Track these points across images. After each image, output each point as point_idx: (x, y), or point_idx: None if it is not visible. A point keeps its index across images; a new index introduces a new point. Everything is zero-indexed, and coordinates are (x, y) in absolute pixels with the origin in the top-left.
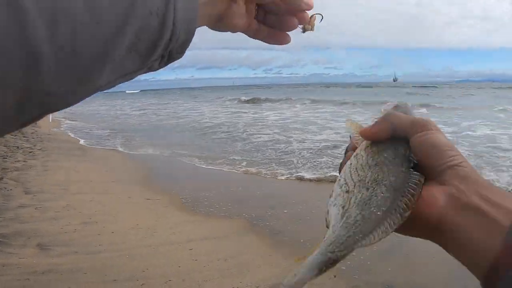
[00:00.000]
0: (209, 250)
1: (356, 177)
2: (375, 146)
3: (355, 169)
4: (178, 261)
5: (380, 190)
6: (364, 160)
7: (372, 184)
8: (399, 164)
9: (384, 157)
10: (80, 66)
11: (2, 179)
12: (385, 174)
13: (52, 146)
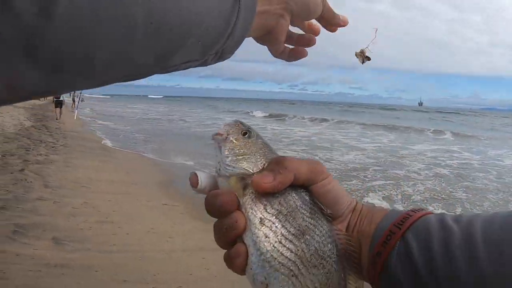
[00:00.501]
0: (221, 260)
1: (290, 255)
2: (273, 202)
3: (279, 244)
4: (190, 268)
5: (329, 265)
6: (281, 228)
7: (314, 258)
8: (319, 217)
9: (302, 216)
10: (165, 40)
11: (23, 170)
12: (317, 239)
13: (75, 143)
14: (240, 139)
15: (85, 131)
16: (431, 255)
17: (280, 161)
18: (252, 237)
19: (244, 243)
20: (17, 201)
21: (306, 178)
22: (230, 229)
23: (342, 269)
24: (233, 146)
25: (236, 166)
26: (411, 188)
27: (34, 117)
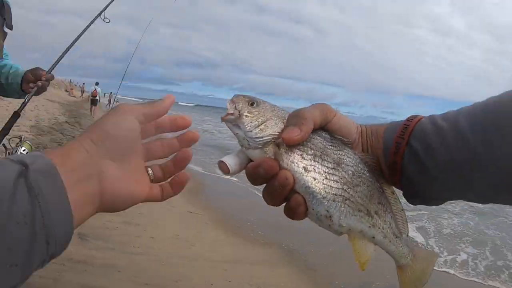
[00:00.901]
0: (243, 274)
1: (338, 184)
2: (306, 150)
3: (326, 180)
4: (211, 279)
5: (366, 180)
6: (322, 167)
7: (355, 179)
8: (343, 148)
9: (332, 151)
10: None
11: None
12: (350, 164)
13: None
14: (252, 111)
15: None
16: (432, 150)
17: (298, 114)
18: (303, 184)
19: (298, 192)
20: None
21: (322, 120)
22: (284, 187)
23: (375, 180)
24: (250, 119)
25: (264, 135)
26: (446, 220)
27: (69, 113)
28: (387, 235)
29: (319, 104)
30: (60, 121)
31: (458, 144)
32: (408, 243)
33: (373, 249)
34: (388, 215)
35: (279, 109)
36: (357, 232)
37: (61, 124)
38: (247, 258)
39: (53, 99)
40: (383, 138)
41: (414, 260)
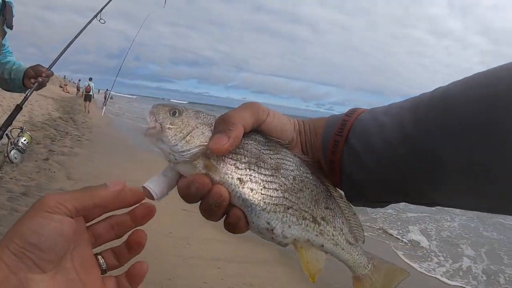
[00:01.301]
0: (237, 273)
1: (278, 193)
2: (239, 158)
3: (265, 190)
4: (204, 277)
5: (310, 183)
6: (259, 176)
7: (296, 184)
8: (280, 150)
9: (268, 156)
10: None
11: (47, 160)
12: (289, 168)
13: (100, 139)
14: (175, 122)
15: (111, 128)
16: (372, 148)
17: (225, 119)
18: (240, 197)
19: (235, 206)
20: (39, 189)
21: (253, 123)
22: (219, 204)
23: (320, 182)
24: (174, 131)
25: (191, 147)
26: (447, 223)
27: (62, 109)
28: (339, 243)
29: (249, 103)
30: (53, 117)
31: (400, 141)
32: (365, 252)
33: (324, 258)
34: (338, 220)
35: (205, 115)
36: (303, 241)
37: (54, 120)
38: (240, 257)
39: (47, 94)
40: (322, 136)
41: (374, 272)
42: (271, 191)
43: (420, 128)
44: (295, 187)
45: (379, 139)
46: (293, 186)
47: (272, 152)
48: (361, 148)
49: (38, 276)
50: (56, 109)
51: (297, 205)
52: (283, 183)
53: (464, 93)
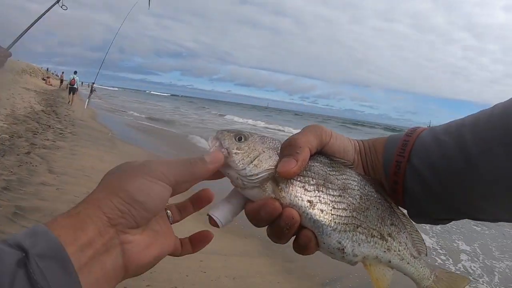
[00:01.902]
0: (219, 265)
1: (347, 212)
2: (307, 180)
3: (334, 210)
4: (186, 270)
5: (375, 201)
6: (328, 197)
7: (363, 203)
8: (345, 170)
9: (335, 177)
10: None
11: (29, 153)
12: (356, 188)
13: (83, 132)
14: (242, 147)
15: (94, 121)
16: (435, 168)
17: (291, 143)
18: (311, 219)
19: (306, 227)
20: (20, 183)
21: (318, 145)
22: (291, 226)
23: (384, 199)
24: (241, 156)
25: (260, 171)
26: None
27: (45, 102)
28: (404, 257)
29: (312, 126)
30: (36, 110)
31: (462, 162)
32: (428, 263)
33: (391, 273)
34: (402, 235)
35: (270, 140)
36: (372, 259)
37: (37, 113)
38: (223, 250)
39: (29, 87)
40: (383, 156)
41: (437, 282)
42: (340, 211)
43: (481, 146)
44: (362, 206)
45: (441, 158)
46: (360, 205)
47: (338, 172)
48: (423, 168)
49: (133, 230)
50: (38, 102)
51: (365, 223)
52: (351, 202)
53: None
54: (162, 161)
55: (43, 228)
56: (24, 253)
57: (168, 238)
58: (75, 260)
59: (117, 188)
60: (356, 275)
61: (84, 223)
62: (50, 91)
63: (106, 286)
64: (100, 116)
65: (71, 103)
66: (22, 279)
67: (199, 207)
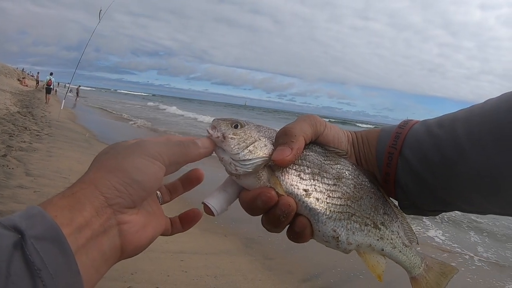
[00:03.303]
0: (200, 264)
1: (341, 201)
2: (302, 169)
3: (330, 198)
4: (167, 270)
5: (369, 190)
6: (323, 185)
7: (357, 192)
8: (339, 160)
9: (329, 166)
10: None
11: (5, 156)
12: (349, 177)
13: (60, 133)
14: (237, 132)
15: (70, 122)
16: (427, 160)
17: (286, 131)
18: (306, 207)
19: (301, 214)
20: None
21: (312, 135)
22: (288, 214)
23: (377, 189)
24: (236, 141)
25: (254, 157)
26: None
27: (21, 103)
28: (397, 246)
29: (307, 116)
30: (11, 111)
31: (454, 154)
32: (418, 252)
33: (385, 260)
34: (395, 224)
35: (266, 129)
36: (366, 247)
37: (12, 115)
38: (204, 249)
39: (4, 88)
40: (376, 148)
41: (427, 271)
42: (335, 199)
43: (473, 140)
44: (356, 195)
45: (433, 151)
46: (354, 194)
47: (332, 162)
48: (415, 159)
49: (129, 210)
50: (14, 103)
51: (359, 212)
52: (345, 191)
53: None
54: (155, 141)
55: (39, 209)
56: (20, 235)
57: (160, 218)
58: (72, 241)
59: (114, 167)
60: (337, 270)
61: (80, 203)
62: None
63: (103, 267)
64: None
65: (47, 102)
66: (18, 261)
67: (189, 187)
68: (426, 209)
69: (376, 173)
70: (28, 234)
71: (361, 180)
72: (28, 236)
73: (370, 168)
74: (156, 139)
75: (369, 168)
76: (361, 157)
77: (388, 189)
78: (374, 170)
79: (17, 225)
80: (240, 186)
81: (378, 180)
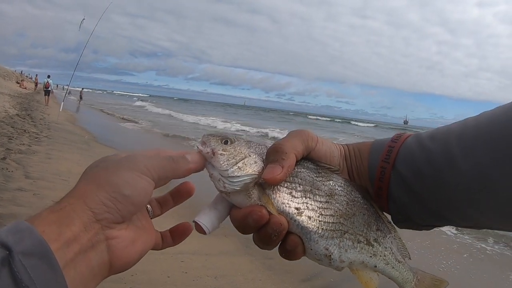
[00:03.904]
0: (200, 265)
1: (334, 218)
2: (294, 186)
3: (322, 217)
4: (168, 271)
5: (361, 207)
6: (315, 203)
7: (350, 209)
8: (331, 176)
9: (321, 182)
10: None
11: (5, 159)
12: (342, 193)
13: (59, 136)
14: (227, 148)
15: (69, 124)
16: (419, 174)
17: (276, 148)
18: (298, 225)
19: (293, 232)
20: None
21: (304, 151)
22: (279, 233)
23: (370, 205)
24: (226, 157)
25: (242, 174)
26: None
27: (20, 105)
28: (390, 262)
29: (298, 131)
30: (10, 114)
31: (447, 168)
32: (411, 267)
33: (377, 276)
34: (387, 240)
35: (256, 145)
36: (358, 264)
37: (11, 118)
38: (204, 250)
39: (3, 91)
40: (368, 161)
41: (418, 285)
42: (327, 217)
43: (467, 153)
44: (349, 212)
45: (426, 164)
46: (347, 211)
47: (325, 178)
48: (408, 174)
49: (118, 225)
50: (13, 106)
51: (352, 229)
52: (338, 208)
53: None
54: (145, 155)
55: (26, 224)
56: (7, 251)
57: (150, 233)
58: (60, 256)
59: (103, 182)
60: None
61: (69, 218)
62: (25, 95)
63: (91, 283)
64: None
65: (47, 104)
66: (6, 277)
67: (180, 201)
68: (420, 223)
69: (368, 187)
70: (15, 249)
71: (354, 196)
72: (16, 252)
73: (363, 182)
74: (146, 153)
75: (362, 181)
76: (353, 171)
77: (381, 204)
78: (366, 184)
79: (4, 241)
80: (231, 203)
81: (370, 194)
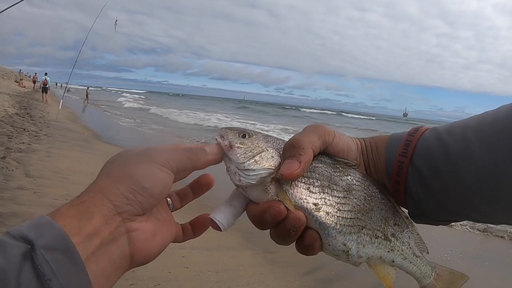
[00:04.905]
0: (201, 260)
1: (351, 214)
2: (311, 182)
3: (340, 212)
4: (169, 266)
5: (379, 201)
6: (333, 199)
7: (367, 204)
8: (348, 171)
9: (339, 177)
10: None
11: (4, 158)
12: (359, 188)
13: (58, 134)
14: (244, 142)
15: (69, 122)
16: (437, 168)
17: (294, 144)
18: (316, 221)
19: (311, 227)
20: None
21: (321, 145)
22: (298, 228)
23: (387, 199)
24: (243, 150)
25: (259, 167)
26: None
27: (19, 104)
28: (407, 257)
29: (315, 126)
30: (10, 113)
31: (465, 163)
32: (428, 262)
33: (395, 271)
34: (405, 235)
35: (274, 140)
36: (376, 259)
37: (11, 117)
38: (205, 245)
39: (2, 90)
40: (385, 156)
41: (437, 280)
42: (345, 213)
43: (485, 151)
44: (366, 207)
45: (444, 160)
46: (364, 206)
47: (342, 173)
48: (425, 168)
49: (139, 218)
50: (12, 105)
51: (370, 224)
52: (355, 204)
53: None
54: (163, 148)
55: (47, 219)
56: (29, 245)
57: (170, 226)
58: (81, 250)
59: (122, 175)
60: (339, 262)
61: (89, 212)
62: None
63: (113, 276)
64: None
65: (46, 101)
66: (28, 272)
67: (199, 193)
68: (437, 218)
69: (385, 182)
70: (37, 244)
71: (371, 191)
72: (38, 246)
73: (380, 176)
74: (164, 147)
75: (378, 176)
76: (370, 165)
77: (398, 198)
78: (383, 178)
79: (26, 235)
80: (247, 199)
81: (388, 189)
